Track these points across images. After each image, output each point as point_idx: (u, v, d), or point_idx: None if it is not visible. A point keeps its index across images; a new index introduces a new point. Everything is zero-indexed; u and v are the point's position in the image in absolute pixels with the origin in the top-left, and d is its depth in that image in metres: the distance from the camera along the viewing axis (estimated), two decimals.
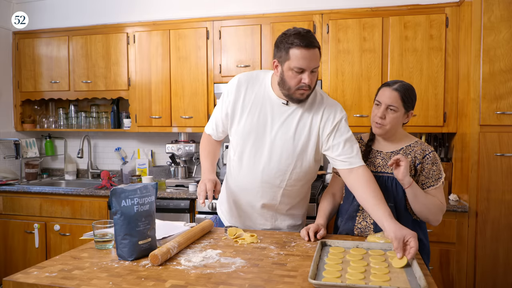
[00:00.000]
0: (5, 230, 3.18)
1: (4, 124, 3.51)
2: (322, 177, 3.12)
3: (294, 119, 1.65)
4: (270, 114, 1.66)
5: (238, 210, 1.82)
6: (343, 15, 2.81)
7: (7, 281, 1.19)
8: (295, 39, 1.52)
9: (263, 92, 1.68)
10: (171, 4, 3.26)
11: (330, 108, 1.67)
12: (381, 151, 1.71)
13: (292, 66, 1.53)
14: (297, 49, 1.52)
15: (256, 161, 1.69)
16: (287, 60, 1.54)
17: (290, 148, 1.65)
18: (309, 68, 1.54)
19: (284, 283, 1.16)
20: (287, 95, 1.61)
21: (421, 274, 1.15)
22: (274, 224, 1.80)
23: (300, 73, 1.54)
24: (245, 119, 1.68)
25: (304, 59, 1.52)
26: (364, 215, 1.67)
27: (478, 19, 2.36)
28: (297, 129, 1.65)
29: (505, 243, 2.36)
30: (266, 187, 1.71)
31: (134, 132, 3.49)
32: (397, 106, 1.60)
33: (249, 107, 1.68)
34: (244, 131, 1.68)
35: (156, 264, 1.29)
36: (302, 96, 1.59)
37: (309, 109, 1.66)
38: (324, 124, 1.65)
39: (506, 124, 2.34)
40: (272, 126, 1.66)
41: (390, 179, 1.64)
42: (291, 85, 1.57)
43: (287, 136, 1.65)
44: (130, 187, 1.36)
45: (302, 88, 1.56)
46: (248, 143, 1.69)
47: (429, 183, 1.63)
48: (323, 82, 2.84)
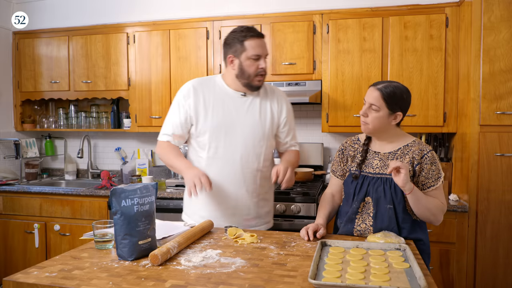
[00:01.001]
0: (5, 230, 3.18)
1: (4, 124, 3.51)
2: (322, 177, 3.13)
3: (256, 107, 1.87)
4: (233, 106, 1.85)
5: (221, 208, 1.85)
6: (343, 15, 2.81)
7: (7, 281, 1.19)
8: (247, 32, 1.77)
9: (220, 90, 1.87)
10: (171, 4, 3.26)
11: (281, 96, 1.96)
12: (378, 152, 1.69)
13: (249, 55, 1.76)
14: (251, 40, 1.76)
15: (233, 150, 1.83)
16: (243, 51, 1.77)
17: (260, 132, 1.86)
18: (264, 54, 1.79)
19: (284, 283, 1.16)
20: (246, 84, 1.82)
21: (421, 274, 1.15)
22: (257, 212, 1.90)
23: (257, 60, 1.77)
24: (211, 117, 1.83)
25: (258, 47, 1.77)
26: (363, 217, 1.66)
27: (478, 19, 2.36)
28: (261, 114, 1.87)
29: (505, 243, 2.36)
30: (247, 172, 1.85)
31: (134, 132, 3.49)
32: (378, 105, 1.59)
33: (212, 106, 1.84)
34: (214, 127, 1.83)
35: (156, 264, 1.29)
36: (260, 82, 1.82)
37: (265, 97, 1.90)
38: (280, 109, 1.92)
39: (506, 124, 2.34)
40: (239, 116, 1.84)
41: (389, 180, 1.62)
42: (251, 73, 1.78)
43: (254, 121, 1.85)
44: (130, 187, 1.36)
45: (260, 74, 1.79)
46: (220, 137, 1.83)
47: (429, 183, 1.62)
48: (323, 82, 2.84)
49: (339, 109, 2.83)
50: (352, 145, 1.77)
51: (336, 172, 1.82)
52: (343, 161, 1.78)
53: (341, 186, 1.80)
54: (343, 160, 1.78)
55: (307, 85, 2.84)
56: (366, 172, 1.68)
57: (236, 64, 1.79)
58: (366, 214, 1.65)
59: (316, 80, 2.85)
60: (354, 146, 1.76)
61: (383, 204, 1.61)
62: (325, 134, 3.22)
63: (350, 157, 1.75)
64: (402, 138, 1.70)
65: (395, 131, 1.69)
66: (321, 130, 2.92)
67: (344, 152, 1.78)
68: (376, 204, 1.62)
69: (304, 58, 2.88)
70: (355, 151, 1.75)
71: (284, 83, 2.87)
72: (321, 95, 2.85)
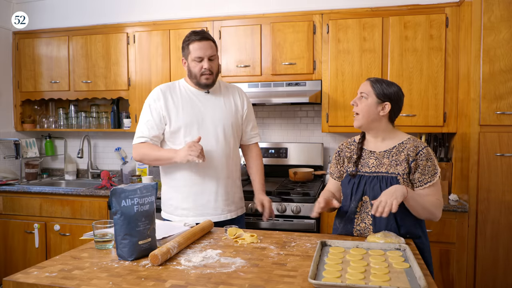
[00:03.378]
0: (5, 230, 3.18)
1: (4, 124, 3.51)
2: (322, 177, 3.13)
3: (220, 101, 2.04)
4: (200, 103, 2.00)
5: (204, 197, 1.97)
6: (343, 15, 2.81)
7: (7, 281, 1.19)
8: (191, 36, 1.93)
9: (185, 91, 2.02)
10: (171, 4, 3.26)
11: (241, 91, 2.14)
12: (374, 151, 1.71)
13: (193, 57, 1.92)
14: (194, 43, 1.91)
15: (208, 141, 1.96)
16: (189, 54, 1.94)
17: (228, 121, 2.02)
18: (206, 55, 1.91)
19: (284, 283, 1.16)
20: (196, 83, 1.98)
21: (421, 274, 1.15)
22: (234, 197, 2.06)
23: (200, 61, 1.92)
24: (182, 114, 1.96)
25: (201, 49, 1.91)
26: (362, 217, 1.66)
27: (478, 19, 2.36)
28: (226, 108, 2.04)
29: (505, 243, 2.36)
30: (222, 161, 2.00)
31: (134, 132, 3.48)
32: (366, 92, 1.66)
33: (181, 104, 1.98)
34: (187, 123, 1.96)
35: (156, 264, 1.29)
36: (208, 80, 1.95)
37: (226, 93, 2.08)
38: (242, 102, 2.11)
39: (506, 124, 2.34)
40: (207, 111, 2.00)
41: (385, 178, 1.63)
42: (196, 72, 1.93)
43: (221, 113, 2.01)
44: (130, 187, 1.36)
45: (205, 73, 1.93)
46: (194, 131, 1.96)
47: (426, 180, 1.62)
48: (323, 82, 2.84)
49: (339, 109, 2.83)
50: (348, 147, 1.79)
51: (333, 174, 1.83)
52: (339, 163, 1.80)
53: (339, 187, 1.81)
54: (339, 162, 1.80)
55: (307, 85, 2.84)
56: (362, 171, 1.69)
57: (186, 65, 1.98)
58: (365, 213, 1.65)
59: (316, 80, 2.85)
60: (350, 147, 1.78)
61: None
62: (325, 134, 3.22)
63: (346, 158, 1.77)
64: (397, 136, 1.71)
65: (388, 128, 1.70)
66: (321, 130, 2.92)
67: (341, 154, 1.80)
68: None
69: (304, 58, 2.88)
70: (351, 152, 1.76)
71: (284, 83, 2.87)
72: (321, 95, 2.85)
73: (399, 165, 1.63)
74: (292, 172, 3.02)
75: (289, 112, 3.31)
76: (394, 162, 1.65)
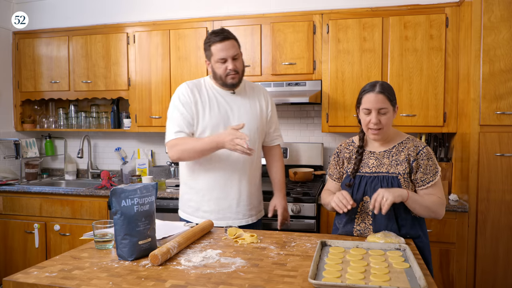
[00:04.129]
0: (5, 230, 3.18)
1: (4, 124, 3.51)
2: (322, 177, 3.12)
3: (246, 102, 1.99)
4: (227, 104, 1.95)
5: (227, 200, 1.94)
6: (343, 15, 2.81)
7: (7, 281, 1.19)
8: (212, 37, 1.87)
9: (211, 90, 1.97)
10: (171, 4, 3.26)
11: (265, 92, 2.10)
12: (374, 152, 1.71)
13: (216, 59, 1.87)
14: (215, 44, 1.86)
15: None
16: (211, 55, 1.89)
17: (255, 125, 1.99)
18: (229, 56, 1.86)
19: (284, 283, 1.16)
20: (222, 84, 1.92)
21: (421, 274, 1.15)
22: (255, 201, 2.03)
23: (224, 62, 1.87)
24: (208, 114, 1.91)
25: (223, 50, 1.85)
26: (363, 217, 1.66)
27: (478, 19, 2.36)
28: (252, 109, 2.00)
29: (505, 243, 2.36)
30: (246, 163, 1.96)
31: (134, 132, 3.49)
32: (386, 107, 1.61)
33: (208, 104, 1.93)
34: (213, 124, 1.91)
35: (156, 264, 1.29)
36: (234, 80, 1.90)
37: (252, 93, 2.03)
38: (267, 103, 2.07)
39: (506, 124, 2.34)
40: (233, 112, 1.95)
41: (386, 178, 1.63)
42: (221, 74, 1.89)
43: (247, 115, 1.97)
44: (130, 187, 1.36)
45: (230, 74, 1.88)
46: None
47: (428, 179, 1.63)
48: (323, 82, 2.84)
49: (339, 109, 2.83)
50: (347, 147, 1.79)
51: (332, 175, 1.83)
52: (339, 164, 1.80)
53: (339, 188, 1.81)
54: (339, 163, 1.80)
55: (307, 85, 2.84)
56: (362, 172, 1.69)
57: (210, 67, 1.94)
58: (365, 213, 1.66)
59: (316, 80, 2.85)
60: (349, 148, 1.78)
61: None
62: (325, 134, 3.22)
63: (346, 159, 1.77)
64: (396, 136, 1.72)
65: (391, 129, 1.71)
66: (321, 130, 2.92)
67: (340, 155, 1.80)
68: None
69: (304, 58, 2.88)
70: (350, 153, 1.76)
71: (284, 83, 2.87)
72: (321, 95, 2.85)
73: (399, 165, 1.64)
74: (292, 172, 3.02)
75: (289, 112, 3.31)
76: (394, 162, 1.65)
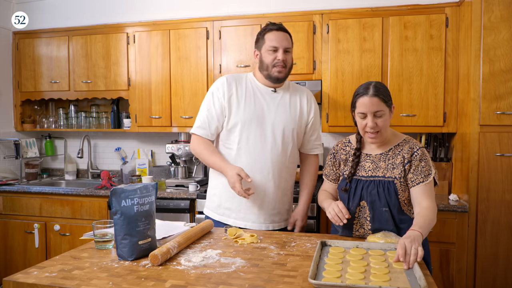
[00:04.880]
0: (5, 230, 3.18)
1: (4, 124, 3.51)
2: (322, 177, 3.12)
3: (286, 102, 1.93)
4: (264, 101, 1.91)
5: (250, 200, 1.85)
6: (343, 15, 2.80)
7: (7, 281, 1.19)
8: (269, 26, 1.88)
9: (251, 86, 1.93)
10: (171, 4, 3.26)
11: (310, 96, 2.02)
12: (370, 154, 1.68)
13: (267, 47, 1.84)
14: (270, 33, 1.85)
15: (263, 143, 1.88)
16: (263, 44, 1.87)
17: (290, 126, 1.91)
18: (281, 46, 1.84)
19: (284, 283, 1.16)
20: (267, 76, 1.88)
21: (421, 274, 1.15)
22: (280, 207, 1.95)
23: (275, 51, 1.84)
24: (243, 109, 1.88)
25: (276, 39, 1.84)
26: (361, 222, 1.65)
27: (478, 19, 2.36)
28: (291, 109, 1.93)
29: (505, 243, 2.36)
30: (275, 165, 1.89)
31: (134, 132, 3.49)
32: (382, 109, 1.57)
33: (244, 99, 1.89)
34: (246, 119, 1.87)
35: (156, 264, 1.29)
36: (280, 74, 1.85)
37: (294, 93, 1.97)
38: (309, 107, 1.98)
39: (506, 124, 2.34)
40: (269, 110, 1.90)
41: (382, 183, 1.61)
42: (268, 62, 1.85)
43: (284, 116, 1.91)
44: (130, 187, 1.36)
45: (278, 65, 1.84)
46: (251, 129, 1.87)
47: (418, 180, 1.58)
48: (323, 82, 2.84)
49: (339, 109, 2.83)
50: (344, 148, 1.75)
51: (329, 176, 1.81)
52: (335, 165, 1.77)
53: (335, 189, 1.80)
54: (335, 164, 1.77)
55: (307, 85, 2.84)
56: (359, 175, 1.67)
57: (258, 56, 1.91)
58: (363, 218, 1.64)
59: (316, 80, 2.85)
60: (346, 149, 1.75)
61: (379, 207, 1.61)
62: (325, 134, 3.22)
63: (342, 161, 1.74)
64: (393, 138, 1.68)
65: (388, 130, 1.66)
66: (321, 130, 2.92)
67: (336, 156, 1.77)
68: (371, 207, 1.62)
69: (304, 58, 2.88)
70: (347, 155, 1.73)
71: None
72: (321, 95, 2.85)
73: (395, 169, 1.61)
74: None
75: None
76: (390, 166, 1.63)
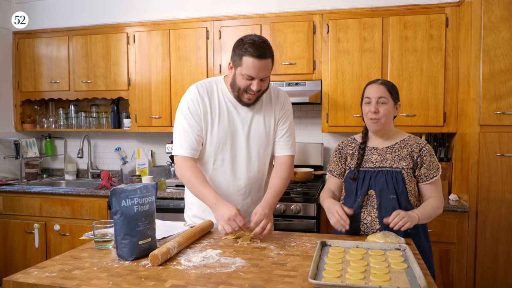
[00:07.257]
0: (5, 230, 3.18)
1: (4, 124, 3.51)
2: (322, 177, 3.12)
3: (260, 114, 1.77)
4: (238, 117, 1.75)
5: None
6: (343, 15, 2.81)
7: (7, 281, 1.19)
8: (249, 48, 1.59)
9: (223, 98, 1.76)
10: (171, 4, 3.26)
11: (286, 102, 1.83)
12: (376, 148, 1.74)
13: (243, 72, 1.62)
14: (249, 58, 1.59)
15: (238, 162, 1.76)
16: (239, 66, 1.63)
17: (265, 140, 1.78)
18: (258, 77, 1.62)
19: (284, 283, 1.16)
20: (236, 97, 1.71)
21: (421, 274, 1.15)
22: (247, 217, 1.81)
23: (250, 80, 1.63)
24: (217, 128, 1.73)
25: (254, 69, 1.60)
26: (368, 211, 1.68)
27: (478, 19, 2.36)
28: (265, 121, 1.78)
29: (505, 243, 2.36)
30: (252, 182, 1.79)
31: (134, 132, 3.49)
32: (386, 97, 1.67)
33: (218, 116, 1.73)
34: (220, 140, 1.74)
35: (156, 264, 1.29)
36: (249, 100, 1.69)
37: (269, 104, 1.79)
38: (285, 116, 1.81)
39: (506, 124, 2.34)
40: (243, 128, 1.75)
41: (390, 172, 1.67)
42: (241, 86, 1.65)
43: (259, 131, 1.77)
44: (130, 187, 1.36)
45: (249, 93, 1.66)
46: (226, 150, 1.75)
47: (432, 174, 1.68)
48: (323, 82, 2.84)
49: (339, 109, 2.83)
50: (350, 144, 1.81)
51: (333, 171, 1.84)
52: (341, 160, 1.81)
53: (340, 185, 1.83)
54: (341, 160, 1.81)
55: (307, 85, 2.84)
56: (366, 167, 1.72)
57: (232, 73, 1.70)
58: (371, 207, 1.68)
59: (316, 80, 2.85)
60: (351, 145, 1.81)
61: (386, 195, 1.65)
62: (325, 134, 3.22)
63: (348, 155, 1.79)
64: (398, 134, 1.76)
65: (392, 128, 1.76)
66: (321, 130, 2.92)
67: (342, 152, 1.81)
68: (379, 195, 1.66)
69: (304, 58, 2.88)
70: (353, 149, 1.79)
71: (284, 83, 2.87)
72: (321, 95, 2.85)
73: (402, 160, 1.68)
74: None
75: None
76: (397, 157, 1.69)
